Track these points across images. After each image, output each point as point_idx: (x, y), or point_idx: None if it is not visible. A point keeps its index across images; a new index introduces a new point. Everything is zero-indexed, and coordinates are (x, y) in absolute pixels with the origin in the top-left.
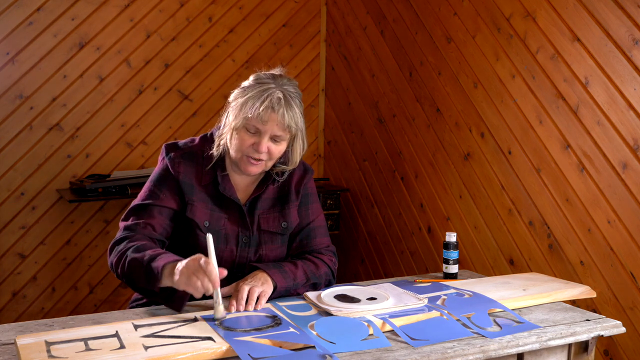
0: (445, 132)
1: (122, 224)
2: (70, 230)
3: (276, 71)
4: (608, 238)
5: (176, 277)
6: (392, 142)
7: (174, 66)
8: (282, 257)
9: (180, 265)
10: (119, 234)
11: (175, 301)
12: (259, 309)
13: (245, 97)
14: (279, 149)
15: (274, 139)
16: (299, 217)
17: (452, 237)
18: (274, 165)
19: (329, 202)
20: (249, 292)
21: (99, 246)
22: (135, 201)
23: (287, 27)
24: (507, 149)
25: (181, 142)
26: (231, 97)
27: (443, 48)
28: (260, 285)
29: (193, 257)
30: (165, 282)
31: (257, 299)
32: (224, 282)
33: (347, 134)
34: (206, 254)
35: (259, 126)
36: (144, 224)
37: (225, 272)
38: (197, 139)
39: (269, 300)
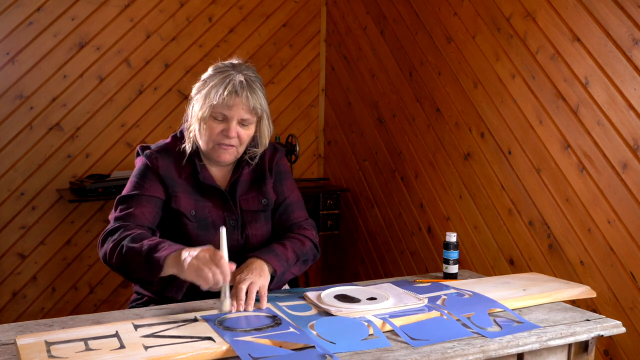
0: (445, 132)
1: (112, 216)
2: (70, 230)
3: (234, 60)
4: (608, 238)
5: (185, 267)
6: (392, 142)
7: (174, 66)
8: (268, 234)
9: (188, 256)
10: (110, 226)
11: (174, 289)
12: (263, 308)
13: (208, 87)
14: (247, 132)
15: (242, 122)
16: (275, 194)
17: (452, 237)
18: (245, 151)
19: (329, 202)
20: (248, 289)
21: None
22: (122, 194)
23: (287, 27)
24: (507, 149)
25: (153, 144)
26: (193, 91)
27: (443, 48)
28: (258, 278)
29: (203, 248)
30: (167, 272)
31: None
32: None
33: (347, 134)
34: (197, 243)
35: (225, 112)
36: (134, 212)
37: (234, 266)
38: (168, 139)
39: (269, 290)
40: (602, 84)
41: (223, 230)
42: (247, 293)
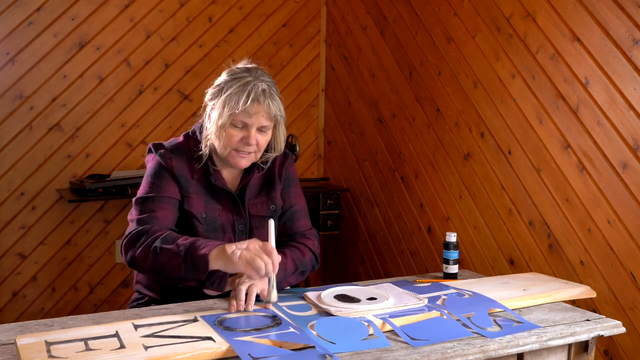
0: (445, 132)
1: (132, 218)
2: (70, 230)
3: (245, 63)
4: (608, 238)
5: (235, 259)
6: (392, 142)
7: (174, 66)
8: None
9: (237, 249)
10: (133, 228)
11: (215, 282)
12: (250, 309)
13: (226, 94)
14: (265, 139)
15: (260, 129)
16: (282, 200)
17: (452, 237)
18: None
19: (329, 202)
20: (248, 291)
21: (99, 246)
22: (139, 195)
23: (287, 27)
24: (507, 149)
25: (165, 142)
26: (207, 97)
27: (443, 48)
28: (258, 282)
29: (250, 240)
30: (212, 267)
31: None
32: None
33: (347, 134)
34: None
35: (246, 120)
36: (157, 215)
37: (281, 258)
38: (180, 137)
39: None
40: (602, 84)
41: (272, 222)
42: (247, 294)
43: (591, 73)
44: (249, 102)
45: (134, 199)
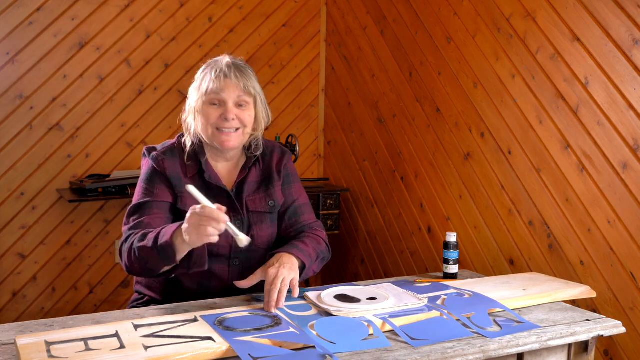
0: (445, 132)
1: (125, 227)
2: (70, 230)
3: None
4: (608, 238)
5: (187, 237)
6: (392, 142)
7: (174, 66)
8: (274, 236)
9: (184, 226)
10: (124, 237)
11: (197, 261)
12: (295, 296)
13: (199, 80)
14: (247, 113)
15: (239, 104)
16: (283, 196)
17: (452, 237)
18: (249, 147)
19: (329, 202)
20: (280, 285)
21: (99, 246)
22: (133, 202)
23: (287, 27)
24: (507, 149)
25: (158, 145)
26: (189, 92)
27: (443, 48)
28: (289, 273)
29: (189, 212)
30: (182, 250)
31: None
32: (240, 273)
33: (347, 134)
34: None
35: (219, 97)
36: (146, 221)
37: (224, 208)
38: (174, 139)
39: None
40: (602, 84)
41: (190, 187)
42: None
43: (591, 73)
44: (214, 77)
45: (128, 208)
